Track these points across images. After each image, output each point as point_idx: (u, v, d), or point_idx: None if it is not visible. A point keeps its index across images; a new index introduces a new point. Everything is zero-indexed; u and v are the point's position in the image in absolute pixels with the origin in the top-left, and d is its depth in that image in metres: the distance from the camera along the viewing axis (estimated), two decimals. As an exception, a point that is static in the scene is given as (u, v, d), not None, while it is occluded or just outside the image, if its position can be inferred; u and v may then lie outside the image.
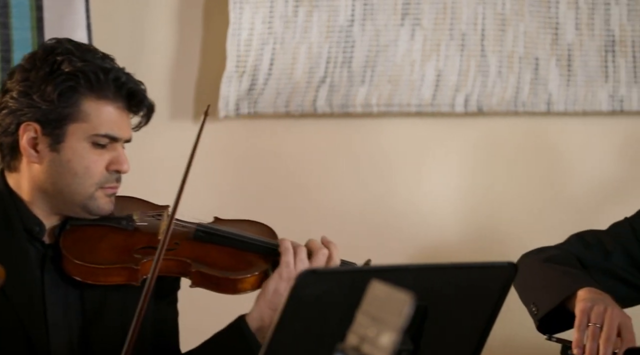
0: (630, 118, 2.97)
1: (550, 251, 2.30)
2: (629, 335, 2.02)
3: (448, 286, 1.71)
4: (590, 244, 2.30)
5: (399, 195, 2.97)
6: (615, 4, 2.95)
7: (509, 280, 1.76)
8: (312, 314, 1.60)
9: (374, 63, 2.94)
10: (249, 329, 2.05)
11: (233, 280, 2.08)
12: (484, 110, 2.95)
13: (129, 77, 2.07)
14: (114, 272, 2.05)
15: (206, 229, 2.14)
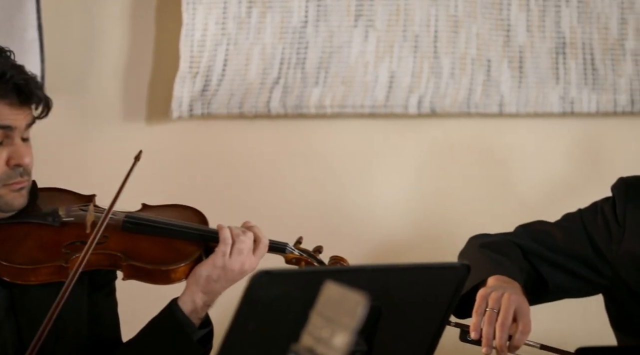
0: (580, 120, 3.00)
1: (492, 238, 2.32)
2: (525, 320, 2.04)
3: (402, 287, 1.71)
4: (537, 234, 2.31)
5: (352, 196, 2.98)
6: (566, 6, 2.98)
7: (462, 281, 1.77)
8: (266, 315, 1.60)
9: (328, 64, 2.94)
10: (181, 312, 2.06)
11: (165, 271, 2.07)
12: (437, 112, 2.96)
13: (16, 71, 2.03)
14: (44, 270, 2.03)
15: (134, 219, 2.13)
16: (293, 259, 2.26)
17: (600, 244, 2.27)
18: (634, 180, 2.30)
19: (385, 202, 2.98)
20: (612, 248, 2.25)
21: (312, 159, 2.98)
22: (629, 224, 2.24)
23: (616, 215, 2.26)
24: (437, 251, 2.97)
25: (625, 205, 2.26)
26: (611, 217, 2.27)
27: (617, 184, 2.30)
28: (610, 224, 2.27)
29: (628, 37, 2.99)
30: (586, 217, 2.31)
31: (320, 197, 2.98)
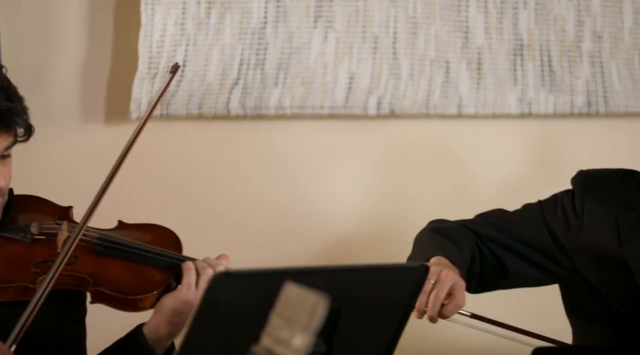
0: (537, 121, 3.02)
1: (447, 223, 2.35)
2: (460, 295, 2.10)
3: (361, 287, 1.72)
4: (497, 222, 2.33)
5: (312, 196, 2.98)
6: (523, 8, 3.00)
7: (420, 281, 1.77)
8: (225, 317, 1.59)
9: (287, 65, 2.94)
10: (145, 340, 2.03)
11: (133, 300, 2.03)
12: (396, 113, 2.97)
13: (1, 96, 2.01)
14: (10, 290, 1.99)
15: (106, 242, 2.08)
16: None
17: (559, 234, 2.29)
18: (593, 172, 2.34)
19: (344, 203, 2.99)
20: (571, 239, 2.28)
21: (272, 159, 2.98)
22: (587, 215, 2.27)
23: (575, 207, 2.29)
24: (395, 252, 2.98)
25: (584, 197, 2.29)
26: (570, 208, 2.30)
27: (576, 176, 2.34)
28: (569, 216, 2.29)
29: (584, 39, 3.01)
30: (546, 209, 2.33)
31: (279, 197, 2.97)
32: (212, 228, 2.94)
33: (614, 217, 2.25)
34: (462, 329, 2.32)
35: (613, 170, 2.35)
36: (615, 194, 2.29)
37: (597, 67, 3.01)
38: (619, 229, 2.24)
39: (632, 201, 2.27)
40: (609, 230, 2.25)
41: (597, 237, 2.26)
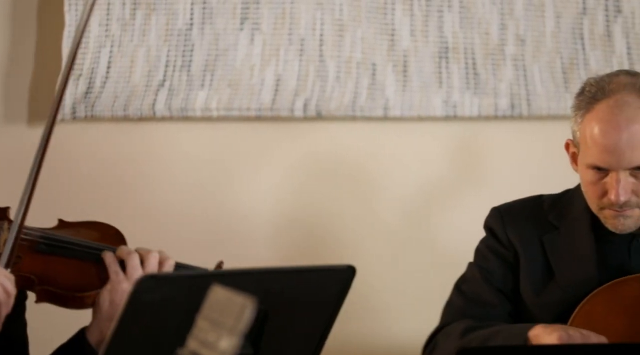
0: (463, 123, 3.05)
1: (455, 329, 2.28)
2: None
3: (288, 290, 1.72)
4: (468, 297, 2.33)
5: (239, 198, 2.97)
6: (448, 11, 3.03)
7: (347, 282, 1.78)
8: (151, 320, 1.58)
9: (214, 67, 2.93)
10: (88, 344, 2.02)
11: (80, 297, 2.03)
12: (322, 115, 2.98)
13: None
14: None
15: (50, 240, 2.07)
16: None
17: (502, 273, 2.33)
18: (505, 206, 2.38)
19: (271, 205, 2.99)
20: (513, 270, 2.32)
21: (198, 161, 2.97)
22: (516, 243, 2.32)
23: (501, 242, 2.33)
24: (321, 254, 2.99)
25: (505, 229, 2.34)
26: (496, 245, 2.34)
27: (491, 213, 2.39)
28: (499, 252, 2.34)
29: (508, 43, 3.05)
30: (480, 261, 2.36)
31: (205, 200, 2.96)
32: (137, 230, 2.91)
33: (539, 241, 2.29)
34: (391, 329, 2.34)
35: (523, 199, 2.38)
36: (534, 218, 2.33)
37: (520, 70, 3.04)
38: (545, 251, 2.29)
39: (553, 221, 2.31)
40: (537, 255, 2.29)
41: (528, 264, 2.30)
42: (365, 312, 2.97)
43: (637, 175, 2.17)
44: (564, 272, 2.25)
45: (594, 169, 2.19)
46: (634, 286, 2.15)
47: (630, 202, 2.17)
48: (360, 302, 2.95)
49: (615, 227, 2.19)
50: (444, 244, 2.99)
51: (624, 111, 2.16)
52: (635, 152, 2.15)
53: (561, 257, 2.26)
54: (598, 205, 2.20)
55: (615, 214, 2.18)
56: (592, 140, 2.18)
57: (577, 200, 2.30)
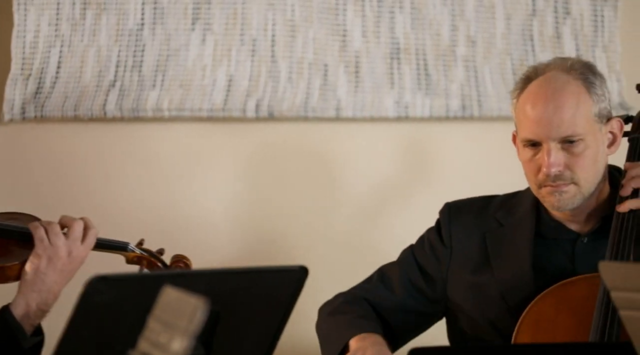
0: (414, 124, 3.06)
1: (339, 299, 2.40)
2: None
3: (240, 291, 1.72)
4: (383, 280, 2.41)
5: (191, 199, 2.96)
6: (400, 12, 3.04)
7: (299, 283, 1.78)
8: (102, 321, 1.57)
9: (165, 67, 2.92)
10: (12, 317, 2.02)
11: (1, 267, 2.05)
12: (274, 116, 2.98)
13: None
14: None
15: None
16: (135, 258, 2.26)
17: (430, 270, 2.37)
18: (456, 202, 2.42)
19: (223, 206, 2.98)
20: (442, 270, 2.36)
21: (150, 162, 2.95)
22: (455, 243, 2.36)
23: (442, 239, 2.38)
24: (273, 254, 2.99)
25: (450, 226, 2.37)
26: (437, 241, 2.38)
27: (442, 209, 2.43)
28: (436, 249, 2.38)
29: (459, 44, 3.07)
30: (416, 250, 2.42)
31: (157, 201, 2.95)
32: (88, 232, 2.89)
33: (482, 237, 2.33)
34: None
35: (476, 197, 2.42)
36: (481, 216, 2.37)
37: (471, 71, 3.06)
38: (487, 247, 2.32)
39: (499, 218, 2.34)
40: (478, 251, 2.33)
41: (466, 261, 2.34)
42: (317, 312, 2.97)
43: (568, 149, 2.20)
44: (501, 269, 2.28)
45: (529, 146, 2.23)
46: (582, 287, 2.17)
47: (564, 176, 2.20)
48: (312, 303, 2.95)
49: (552, 205, 2.22)
50: (395, 244, 3.00)
51: (551, 84, 2.22)
52: (563, 122, 2.19)
53: (500, 253, 2.30)
54: (536, 184, 2.24)
55: (552, 190, 2.21)
56: (524, 115, 2.23)
57: (525, 201, 2.34)
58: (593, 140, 2.21)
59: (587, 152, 2.20)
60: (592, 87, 2.23)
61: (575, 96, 2.21)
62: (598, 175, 2.23)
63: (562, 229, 2.29)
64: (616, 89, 3.11)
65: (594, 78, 2.24)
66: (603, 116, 2.24)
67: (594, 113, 2.22)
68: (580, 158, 2.20)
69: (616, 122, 2.27)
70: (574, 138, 2.19)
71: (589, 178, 2.21)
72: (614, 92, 3.10)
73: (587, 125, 2.21)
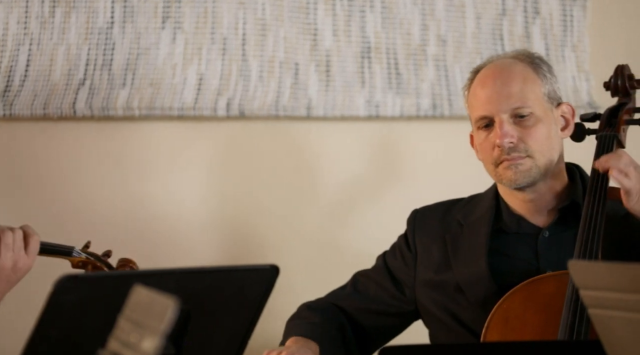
0: (385, 123, 3.07)
1: (305, 305, 2.49)
2: None
3: (211, 290, 1.71)
4: (356, 286, 2.47)
5: (161, 198, 2.95)
6: (370, 11, 3.04)
7: (271, 282, 1.78)
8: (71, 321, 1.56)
9: (135, 66, 2.91)
10: None
11: None
12: (245, 114, 2.97)
13: None
14: None
15: None
16: (79, 262, 2.25)
17: (399, 275, 2.43)
18: (422, 209, 2.49)
19: (193, 205, 2.97)
20: (410, 275, 2.42)
21: (120, 161, 2.94)
22: (419, 248, 2.42)
23: (408, 245, 2.44)
24: (245, 254, 2.98)
25: (414, 233, 2.44)
26: (404, 247, 2.45)
27: (409, 215, 2.50)
28: (404, 254, 2.44)
29: (429, 43, 3.07)
30: (388, 256, 2.48)
31: (127, 200, 2.94)
32: (57, 230, 2.88)
33: (442, 239, 2.36)
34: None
35: (442, 202, 2.48)
36: (445, 219, 2.42)
37: (442, 70, 3.07)
38: (447, 248, 2.35)
39: (460, 219, 2.38)
40: (439, 254, 2.36)
41: (430, 265, 2.38)
42: (289, 310, 2.97)
43: (520, 123, 2.25)
44: (459, 268, 2.31)
45: (482, 128, 2.29)
46: (551, 284, 2.19)
47: (518, 148, 2.24)
48: (284, 301, 2.95)
49: (510, 180, 2.26)
50: (367, 243, 3.01)
51: (498, 66, 2.31)
52: (512, 94, 2.26)
53: (458, 251, 2.33)
54: (492, 163, 2.28)
55: (508, 164, 2.25)
56: (475, 98, 2.30)
57: (484, 202, 2.37)
58: (544, 117, 2.27)
59: (539, 126, 2.26)
60: (539, 68, 2.31)
61: (522, 74, 2.28)
62: (553, 152, 2.28)
63: (523, 223, 2.31)
64: (585, 89, 3.13)
65: (540, 62, 2.33)
66: (553, 99, 2.30)
67: (543, 93, 2.29)
68: (532, 130, 2.26)
69: (567, 106, 2.33)
70: (524, 111, 2.25)
71: (544, 152, 2.26)
72: (583, 91, 3.12)
73: (537, 101, 2.27)
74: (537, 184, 2.28)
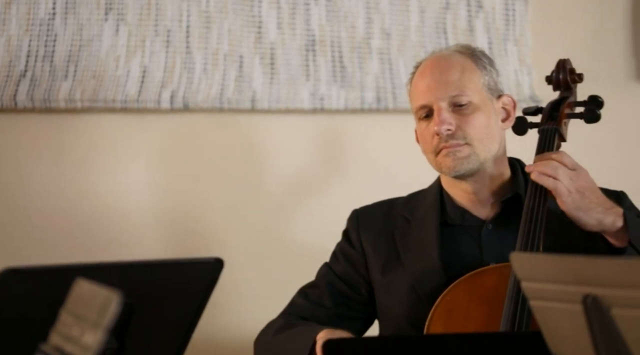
0: (330, 116, 3.07)
1: (277, 322, 2.38)
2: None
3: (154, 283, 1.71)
4: (308, 298, 2.40)
5: (104, 191, 2.93)
6: (315, 4, 3.05)
7: (215, 275, 1.77)
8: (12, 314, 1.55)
9: (78, 58, 2.88)
10: None
11: None
12: (189, 107, 2.96)
13: None
14: None
15: None
16: None
17: (350, 278, 2.39)
18: (363, 208, 2.46)
19: (138, 198, 2.95)
20: (361, 273, 2.39)
21: (62, 154, 2.91)
22: (366, 246, 2.39)
23: (353, 244, 2.41)
24: (189, 246, 2.97)
25: (359, 230, 2.41)
26: (348, 248, 2.41)
27: (350, 216, 2.46)
28: (350, 256, 2.41)
29: (374, 36, 3.08)
30: (331, 264, 2.44)
31: (70, 193, 2.91)
32: (1, 225, 2.85)
33: (391, 235, 2.36)
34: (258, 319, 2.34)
35: (381, 201, 2.46)
36: (389, 216, 2.41)
37: (386, 63, 3.09)
38: (396, 244, 2.35)
39: (406, 214, 2.38)
40: (388, 250, 2.35)
41: (378, 262, 2.36)
42: (233, 303, 2.97)
43: (459, 111, 2.27)
44: (411, 263, 2.31)
45: (423, 118, 2.30)
46: (493, 276, 2.20)
47: (456, 135, 2.26)
48: (229, 294, 2.95)
49: (449, 167, 2.27)
50: (312, 236, 3.01)
51: (437, 57, 2.33)
52: (450, 82, 2.27)
53: (409, 249, 2.33)
54: (432, 151, 2.29)
55: (447, 152, 2.27)
56: (416, 89, 2.32)
57: (429, 196, 2.38)
58: (483, 106, 2.29)
59: (478, 114, 2.27)
60: (478, 60, 2.32)
61: (461, 63, 2.30)
62: (492, 142, 2.29)
63: (467, 216, 2.33)
64: (527, 82, 3.16)
65: (481, 55, 2.34)
66: (493, 90, 2.32)
67: (482, 83, 2.30)
68: (470, 118, 2.27)
69: (507, 98, 2.34)
70: (462, 99, 2.27)
71: (483, 140, 2.27)
72: (525, 85, 3.15)
73: (476, 91, 2.29)
74: (477, 173, 2.29)
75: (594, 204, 2.18)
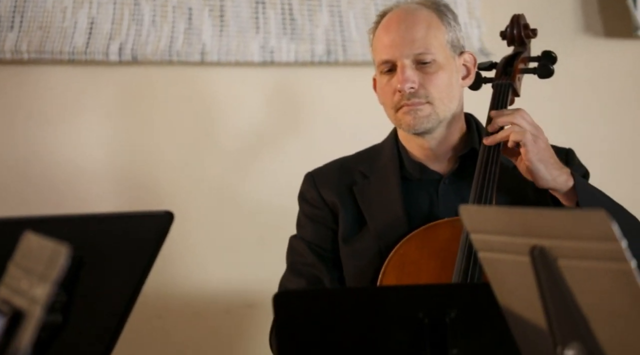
0: (280, 69, 3.06)
1: None
2: None
3: (104, 236, 1.70)
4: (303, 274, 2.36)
5: (53, 145, 2.91)
6: (266, -44, 3.02)
7: (165, 228, 1.77)
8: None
9: (23, 8, 2.84)
10: None
11: None
12: (138, 59, 2.94)
13: None
14: None
15: None
16: None
17: (322, 239, 2.36)
18: (316, 170, 2.42)
19: (88, 151, 2.93)
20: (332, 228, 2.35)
21: (8, 107, 2.88)
22: (329, 202, 2.36)
23: (313, 204, 2.38)
24: (140, 200, 2.96)
25: (319, 190, 2.37)
26: (310, 209, 2.38)
27: (303, 180, 2.42)
28: (313, 216, 2.38)
29: (324, -11, 3.07)
30: (300, 231, 2.39)
31: (18, 147, 2.88)
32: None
33: (350, 191, 2.35)
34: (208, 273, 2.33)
35: (332, 161, 2.43)
36: (345, 173, 2.39)
37: (336, 16, 3.08)
38: (356, 199, 2.34)
39: (363, 171, 2.37)
40: (350, 204, 2.34)
41: (345, 222, 2.34)
42: (183, 256, 2.97)
43: (422, 69, 2.26)
44: (374, 218, 2.31)
45: (385, 72, 2.29)
46: (446, 229, 2.22)
47: (418, 94, 2.26)
48: (180, 248, 2.94)
49: (409, 125, 2.27)
50: (264, 191, 3.01)
51: (403, 11, 2.31)
52: (415, 39, 2.26)
53: (371, 204, 2.33)
54: (392, 107, 2.29)
55: (408, 109, 2.26)
56: (379, 42, 2.30)
57: (385, 150, 2.37)
58: (446, 64, 2.28)
59: (441, 73, 2.27)
60: (443, 16, 2.31)
61: (427, 20, 2.29)
62: (453, 100, 2.30)
63: (425, 170, 2.33)
64: (477, 35, 3.16)
65: (445, 10, 2.33)
66: (456, 47, 2.31)
67: (447, 40, 2.29)
68: (433, 77, 2.26)
69: (469, 55, 2.34)
70: (426, 57, 2.26)
71: (444, 99, 2.27)
72: (474, 37, 3.16)
73: (440, 49, 2.28)
74: (435, 130, 2.30)
75: (553, 160, 2.20)
